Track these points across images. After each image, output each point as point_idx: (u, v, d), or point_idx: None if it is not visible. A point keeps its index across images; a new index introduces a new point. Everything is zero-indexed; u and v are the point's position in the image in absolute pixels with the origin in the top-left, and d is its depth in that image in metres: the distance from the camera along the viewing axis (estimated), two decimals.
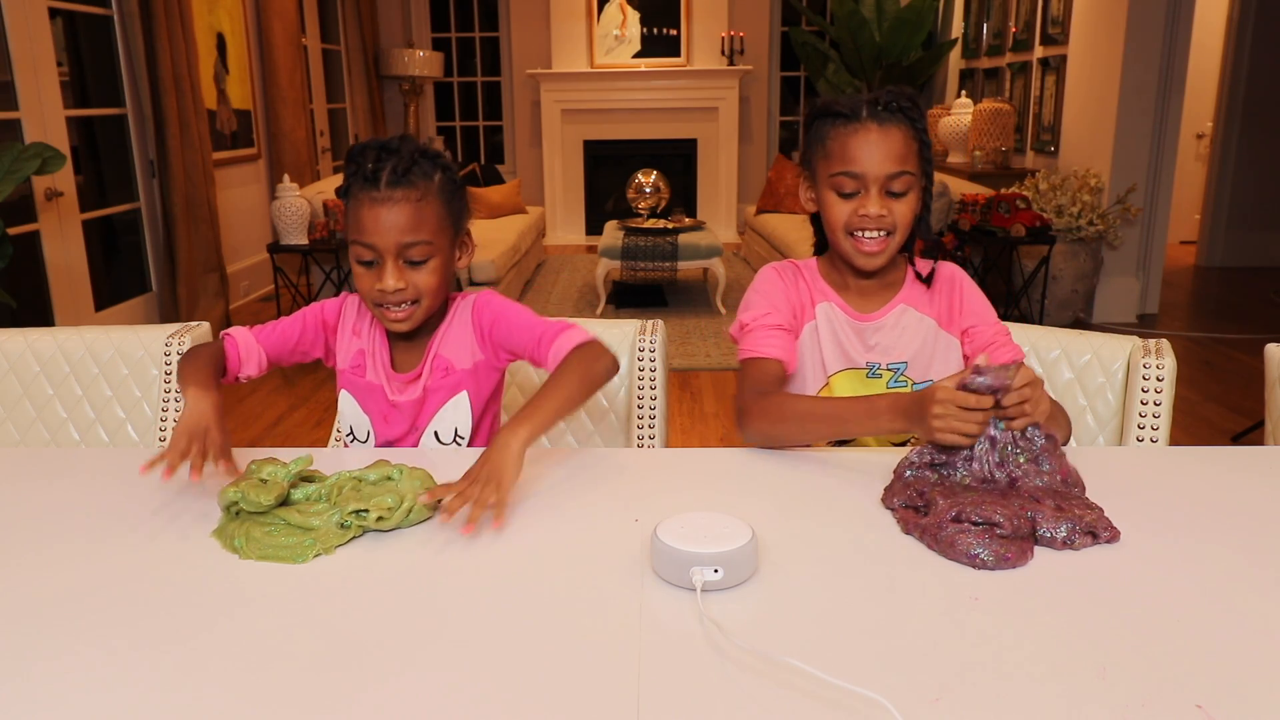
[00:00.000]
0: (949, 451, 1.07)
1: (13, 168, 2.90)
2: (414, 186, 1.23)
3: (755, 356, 1.33)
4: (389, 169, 1.22)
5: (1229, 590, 0.87)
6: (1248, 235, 6.31)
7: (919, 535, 0.98)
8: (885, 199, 1.29)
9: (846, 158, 1.29)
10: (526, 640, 0.80)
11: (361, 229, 1.24)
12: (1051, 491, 1.03)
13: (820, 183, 1.33)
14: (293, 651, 0.78)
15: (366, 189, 1.23)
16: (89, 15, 4.21)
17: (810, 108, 1.37)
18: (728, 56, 7.52)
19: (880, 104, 1.29)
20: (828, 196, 1.32)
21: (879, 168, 1.28)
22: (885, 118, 1.28)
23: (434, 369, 1.34)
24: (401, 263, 1.24)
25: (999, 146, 5.63)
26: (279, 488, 1.01)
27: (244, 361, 1.32)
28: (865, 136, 1.28)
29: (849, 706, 0.70)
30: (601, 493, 1.12)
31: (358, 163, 1.24)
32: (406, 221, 1.23)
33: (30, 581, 0.91)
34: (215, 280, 4.76)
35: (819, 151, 1.33)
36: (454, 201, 1.29)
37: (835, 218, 1.32)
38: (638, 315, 2.21)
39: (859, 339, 1.37)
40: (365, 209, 1.23)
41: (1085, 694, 0.72)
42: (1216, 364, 4.19)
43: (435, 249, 1.26)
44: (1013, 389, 1.04)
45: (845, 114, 1.30)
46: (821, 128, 1.32)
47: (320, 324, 1.38)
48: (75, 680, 0.75)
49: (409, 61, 7.33)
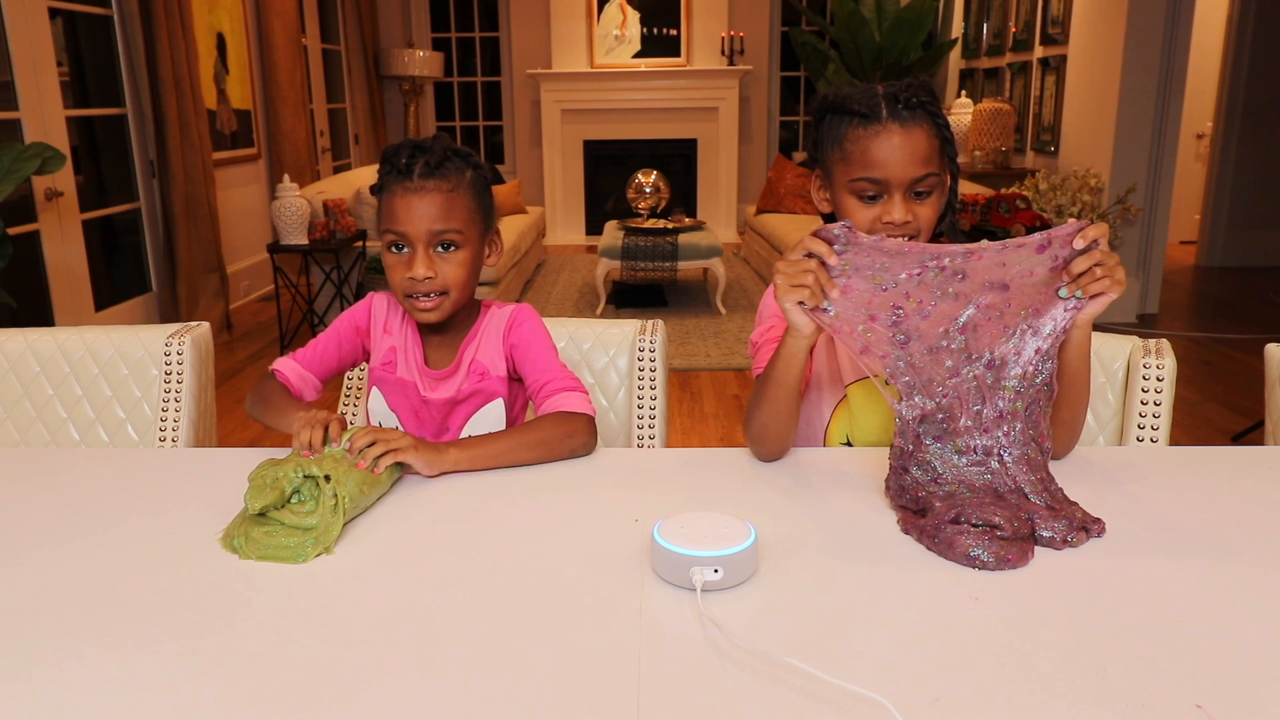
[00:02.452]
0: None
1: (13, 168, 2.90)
2: (446, 179, 1.27)
3: (759, 374, 1.31)
4: (422, 162, 1.26)
5: (1229, 590, 0.87)
6: (1248, 235, 6.31)
7: (918, 536, 0.98)
8: (910, 202, 1.23)
9: (869, 162, 1.22)
10: (526, 640, 0.80)
11: (394, 217, 1.27)
12: (1030, 463, 1.03)
13: (838, 186, 1.27)
14: (294, 651, 0.78)
15: (400, 180, 1.27)
16: (89, 15, 4.21)
17: (820, 101, 1.29)
18: (728, 56, 7.52)
19: (900, 101, 1.21)
20: (848, 202, 1.26)
21: (904, 171, 1.21)
22: (907, 117, 1.21)
23: (470, 372, 1.36)
24: (432, 251, 1.27)
25: (999, 146, 5.63)
26: (276, 493, 1.01)
27: (302, 391, 1.37)
28: (888, 139, 1.21)
29: (849, 706, 0.70)
30: (601, 493, 1.12)
31: (392, 160, 1.28)
32: (438, 210, 1.26)
33: (30, 582, 0.91)
34: (215, 280, 4.76)
35: (835, 153, 1.26)
36: (484, 198, 1.33)
37: (858, 224, 1.23)
38: (638, 315, 2.21)
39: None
40: (398, 198, 1.27)
41: (1085, 694, 0.72)
42: (1216, 364, 4.19)
43: (465, 240, 1.29)
44: (1077, 248, 1.00)
45: (864, 113, 1.22)
46: (838, 127, 1.25)
47: (354, 330, 1.41)
48: (75, 680, 0.75)
49: (409, 61, 7.33)
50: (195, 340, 1.54)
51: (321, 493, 1.01)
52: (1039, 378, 1.05)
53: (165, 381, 1.53)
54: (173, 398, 1.52)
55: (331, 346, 1.40)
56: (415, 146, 1.28)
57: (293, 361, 1.38)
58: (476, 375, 1.36)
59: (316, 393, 1.39)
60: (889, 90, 1.23)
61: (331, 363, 1.40)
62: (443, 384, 1.36)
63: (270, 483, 1.01)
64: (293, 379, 1.37)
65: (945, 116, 1.25)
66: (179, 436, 1.50)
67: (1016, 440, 1.04)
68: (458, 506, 1.07)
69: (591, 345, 1.57)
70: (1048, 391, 1.05)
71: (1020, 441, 1.04)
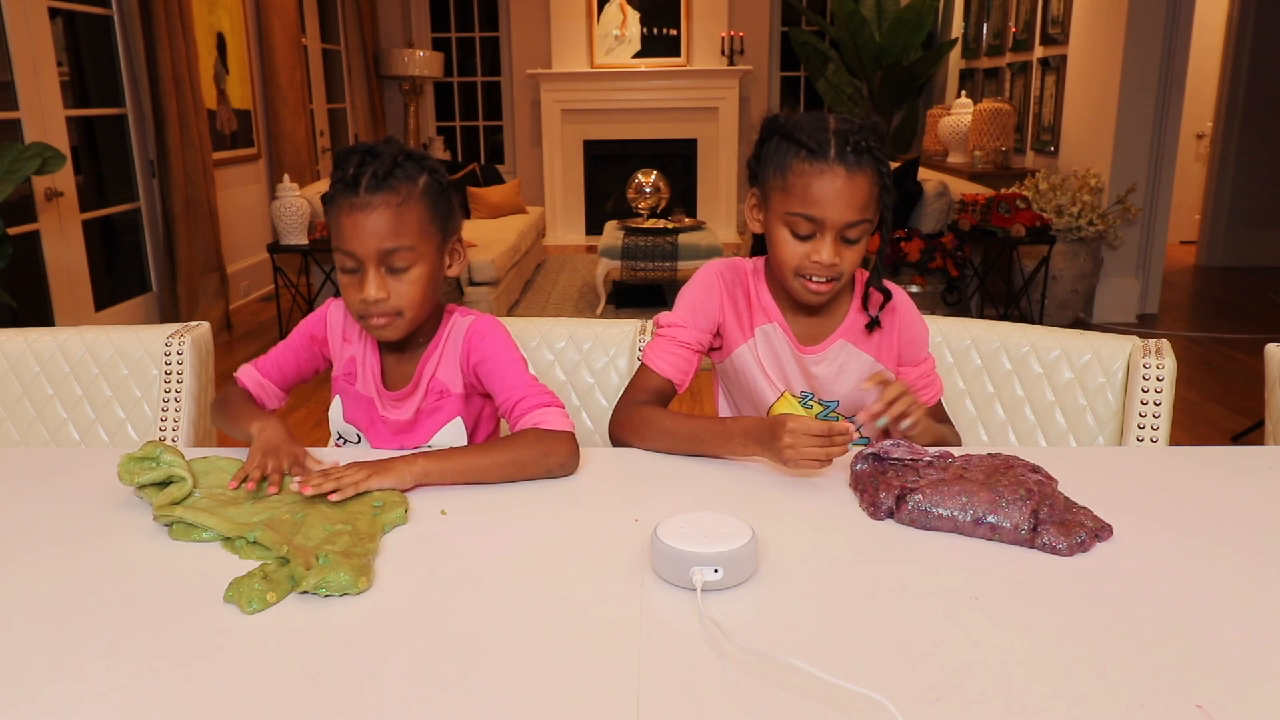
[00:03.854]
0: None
1: (13, 168, 2.89)
2: (395, 190, 1.18)
3: (648, 367, 1.34)
4: (369, 173, 1.17)
5: (1229, 590, 0.87)
6: (1248, 235, 6.31)
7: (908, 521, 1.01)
8: (839, 245, 1.23)
9: (808, 199, 1.21)
10: (527, 639, 0.80)
11: (341, 236, 1.19)
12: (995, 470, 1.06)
13: (772, 213, 1.27)
14: (295, 652, 0.78)
15: (346, 195, 1.18)
16: (89, 15, 4.21)
17: (769, 122, 1.28)
18: (728, 56, 7.52)
19: (850, 144, 1.20)
20: (780, 233, 1.26)
21: (840, 215, 1.21)
22: (853, 161, 1.20)
23: (429, 391, 1.31)
24: (383, 271, 1.20)
25: (999, 146, 5.63)
26: (160, 475, 1.06)
27: (264, 399, 1.35)
28: (831, 181, 1.20)
29: (849, 706, 0.70)
30: (601, 493, 1.12)
31: (341, 169, 1.20)
32: (386, 227, 1.17)
33: (30, 582, 0.91)
34: (215, 280, 4.76)
35: (776, 179, 1.25)
36: (440, 205, 1.23)
37: (785, 257, 1.26)
38: (638, 315, 2.21)
39: (799, 367, 1.35)
40: (345, 215, 1.18)
41: (1085, 694, 0.72)
42: (1216, 364, 4.19)
43: (418, 255, 1.21)
44: (876, 407, 1.17)
45: (812, 148, 1.20)
46: (784, 155, 1.24)
47: (309, 340, 1.36)
48: (75, 681, 0.75)
49: (409, 61, 7.33)
50: (195, 340, 1.54)
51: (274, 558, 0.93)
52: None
53: (165, 381, 1.53)
54: (173, 398, 1.52)
55: (289, 356, 1.36)
56: (366, 151, 1.19)
57: (253, 369, 1.35)
58: (435, 394, 1.30)
59: (279, 401, 1.36)
60: (840, 128, 1.21)
61: (290, 371, 1.36)
62: (400, 405, 1.31)
63: (150, 465, 1.06)
64: (252, 387, 1.33)
65: (888, 164, 1.24)
66: (179, 436, 1.50)
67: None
68: (458, 507, 1.07)
69: (591, 345, 1.57)
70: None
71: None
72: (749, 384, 1.37)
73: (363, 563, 0.90)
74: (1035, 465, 1.08)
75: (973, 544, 0.97)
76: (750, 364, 1.36)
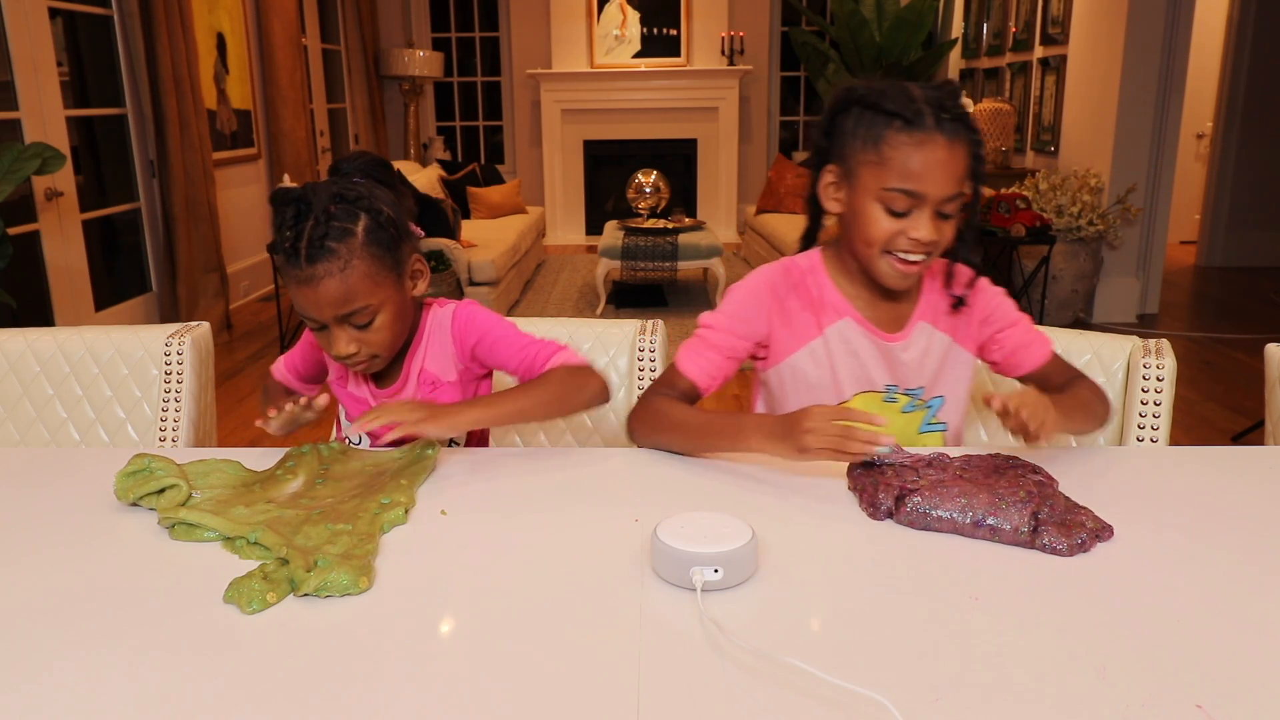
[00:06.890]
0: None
1: (13, 168, 2.89)
2: (335, 256, 1.15)
3: (676, 367, 1.29)
4: (306, 239, 1.14)
5: (1229, 590, 0.87)
6: (1248, 235, 6.31)
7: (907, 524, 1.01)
8: (937, 221, 1.15)
9: (909, 173, 1.13)
10: (527, 639, 0.80)
11: (298, 303, 1.19)
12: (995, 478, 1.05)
13: (863, 190, 1.17)
14: (295, 652, 0.78)
15: (292, 265, 1.16)
16: (89, 15, 4.21)
17: (846, 93, 1.19)
18: (728, 56, 7.52)
19: (946, 111, 1.12)
20: (871, 210, 1.17)
21: (941, 189, 1.13)
22: (951, 130, 1.12)
23: (421, 383, 1.32)
24: (348, 326, 1.20)
25: (999, 146, 5.63)
26: (153, 485, 1.05)
27: (302, 390, 1.40)
28: (933, 152, 1.12)
29: (849, 706, 0.70)
30: (601, 493, 1.12)
31: (277, 229, 1.17)
32: (336, 295, 1.16)
33: (30, 582, 0.91)
34: (215, 280, 4.76)
35: (869, 153, 1.15)
36: (387, 245, 1.19)
37: (874, 235, 1.17)
38: (638, 315, 2.21)
39: (883, 359, 1.27)
40: (294, 286, 1.18)
41: (1085, 694, 0.72)
42: (1216, 364, 4.19)
43: (377, 307, 1.20)
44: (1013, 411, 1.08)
45: (907, 118, 1.12)
46: (875, 127, 1.15)
47: (312, 345, 1.39)
48: (75, 682, 0.75)
49: (409, 61, 7.33)
50: (195, 340, 1.54)
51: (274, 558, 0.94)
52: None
53: (165, 381, 1.53)
54: (173, 398, 1.52)
55: (299, 355, 1.40)
56: (298, 201, 1.16)
57: (281, 362, 1.40)
58: (427, 386, 1.32)
59: (314, 391, 1.39)
60: (929, 95, 1.14)
61: (304, 369, 1.41)
62: (393, 400, 1.31)
63: (144, 476, 1.06)
64: (290, 379, 1.39)
65: (979, 130, 1.18)
66: (179, 436, 1.50)
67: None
68: (458, 506, 1.07)
69: (591, 345, 1.57)
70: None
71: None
72: (808, 388, 1.29)
73: (363, 563, 0.90)
74: (1036, 466, 1.08)
75: (972, 544, 0.97)
76: (814, 367, 1.28)
